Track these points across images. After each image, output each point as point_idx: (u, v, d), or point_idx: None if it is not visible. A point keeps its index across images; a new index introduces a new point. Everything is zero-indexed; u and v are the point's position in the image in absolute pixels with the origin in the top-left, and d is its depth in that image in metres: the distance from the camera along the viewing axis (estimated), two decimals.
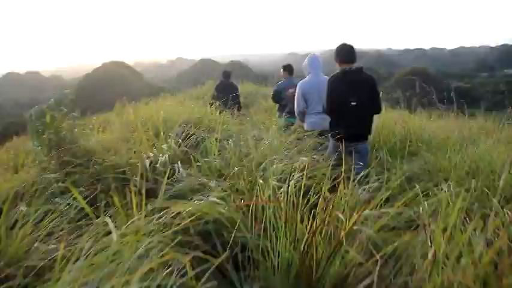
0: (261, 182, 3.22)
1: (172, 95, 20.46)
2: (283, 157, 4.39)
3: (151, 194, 3.69)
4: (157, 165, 4.24)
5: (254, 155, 4.39)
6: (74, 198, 3.46)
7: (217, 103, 8.04)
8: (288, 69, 8.75)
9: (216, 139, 4.69)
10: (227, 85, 11.11)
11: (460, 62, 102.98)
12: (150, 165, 4.26)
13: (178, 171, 4.14)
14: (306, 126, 6.33)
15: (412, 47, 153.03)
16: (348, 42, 5.35)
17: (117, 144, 4.78)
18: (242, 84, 18.50)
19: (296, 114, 6.55)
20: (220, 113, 7.36)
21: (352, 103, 4.97)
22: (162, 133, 5.21)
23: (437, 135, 6.60)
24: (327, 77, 5.54)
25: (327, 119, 5.51)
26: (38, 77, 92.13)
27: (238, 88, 11.51)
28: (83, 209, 2.71)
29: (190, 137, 5.36)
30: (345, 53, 5.17)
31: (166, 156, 4.42)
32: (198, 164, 4.30)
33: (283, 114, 7.91)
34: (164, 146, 4.69)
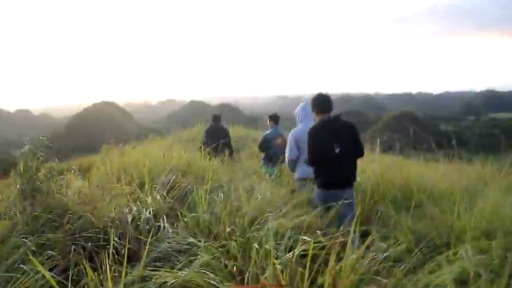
0: (256, 246, 2.85)
1: (161, 137, 20.18)
2: (277, 212, 4.02)
3: (133, 257, 3.30)
4: (141, 221, 3.83)
5: (246, 210, 4.02)
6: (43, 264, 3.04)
7: (207, 148, 7.77)
8: (274, 118, 8.62)
9: (206, 191, 4.30)
10: (217, 129, 10.67)
11: (446, 105, 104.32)
12: (132, 220, 3.86)
13: (164, 228, 3.76)
14: (296, 174, 6.24)
15: (399, 91, 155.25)
16: (324, 92, 5.35)
17: (98, 196, 4.36)
18: (233, 127, 18.17)
19: (286, 162, 6.40)
20: (210, 159, 7.00)
21: (336, 150, 4.92)
22: (147, 183, 4.82)
23: (439, 184, 6.24)
24: None
25: None
26: (27, 115, 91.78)
27: (229, 132, 11.11)
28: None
29: (177, 187, 4.98)
30: (322, 102, 5.21)
31: (151, 211, 4.03)
32: (185, 219, 3.92)
33: (273, 163, 7.82)
34: (149, 199, 4.29)
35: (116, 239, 3.29)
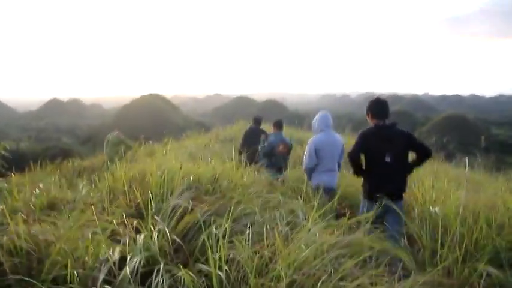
0: None
1: (205, 131, 19.13)
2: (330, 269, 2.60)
3: None
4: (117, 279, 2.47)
5: (282, 265, 2.61)
6: None
7: (243, 155, 6.90)
8: (278, 125, 8.42)
9: (226, 231, 2.89)
10: (257, 133, 9.44)
11: (499, 109, 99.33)
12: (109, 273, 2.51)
13: None
14: (314, 182, 6.17)
15: (449, 93, 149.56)
16: (382, 97, 5.07)
17: (71, 233, 3.00)
18: None
19: (304, 170, 6.45)
20: (243, 170, 5.63)
21: (387, 160, 4.67)
22: (149, 210, 3.47)
23: None
24: (339, 136, 6.32)
25: (335, 175, 6.24)
26: (79, 104, 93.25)
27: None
28: None
29: (191, 213, 3.60)
30: (378, 108, 4.93)
31: (140, 260, 2.66)
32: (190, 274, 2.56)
33: (277, 169, 7.85)
34: (139, 240, 2.90)
35: None
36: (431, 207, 4.26)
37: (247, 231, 3.16)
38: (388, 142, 4.72)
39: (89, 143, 47.82)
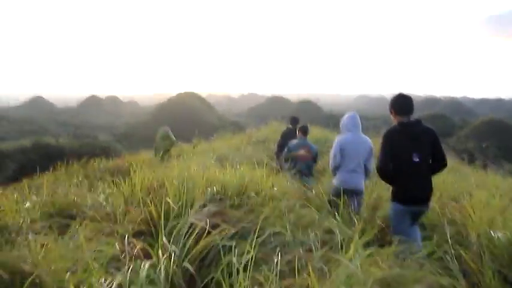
0: None
1: (238, 130, 18.69)
2: None
3: None
4: None
5: None
6: None
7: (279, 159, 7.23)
8: (303, 130, 8.22)
9: (249, 261, 2.35)
10: (294, 134, 8.91)
11: None
12: None
13: None
14: (335, 182, 6.00)
15: (489, 96, 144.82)
16: (406, 93, 4.73)
17: (62, 262, 2.51)
18: (310, 126, 16.13)
19: (331, 169, 6.26)
20: (269, 176, 5.08)
21: (415, 160, 4.38)
22: (161, 230, 2.94)
23: None
24: (367, 138, 6.09)
25: (359, 177, 5.90)
26: (116, 101, 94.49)
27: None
28: None
29: (208, 235, 3.06)
30: (402, 103, 4.63)
31: None
32: None
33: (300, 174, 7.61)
34: (143, 271, 2.37)
35: None
36: (491, 231, 3.58)
37: (276, 259, 2.61)
38: (415, 140, 4.45)
39: (125, 141, 48.18)
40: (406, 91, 5.16)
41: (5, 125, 60.40)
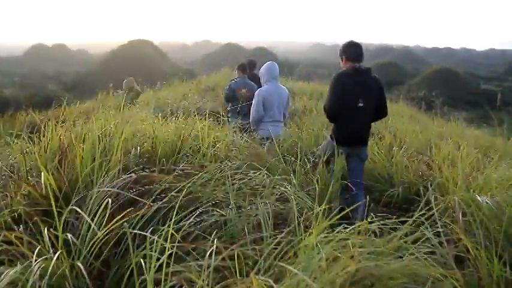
0: None
1: (190, 79, 17.62)
2: None
3: None
4: None
5: None
6: None
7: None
8: (241, 68, 8.05)
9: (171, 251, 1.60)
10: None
11: (490, 64, 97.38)
12: None
13: None
14: (260, 133, 6.11)
15: (441, 46, 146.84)
16: (359, 41, 4.72)
17: None
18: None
19: (251, 121, 6.29)
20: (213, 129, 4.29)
21: (360, 104, 4.49)
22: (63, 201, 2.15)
23: None
24: (285, 87, 6.33)
25: (280, 126, 6.24)
26: (64, 50, 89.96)
27: None
28: None
29: (122, 214, 2.28)
30: (353, 49, 4.66)
31: None
32: None
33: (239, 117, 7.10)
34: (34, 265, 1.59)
35: None
36: (476, 195, 2.97)
37: (210, 248, 1.87)
38: (363, 87, 4.55)
39: (75, 90, 45.99)
40: (360, 39, 5.25)
41: None
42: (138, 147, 3.15)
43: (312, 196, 3.18)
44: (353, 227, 2.25)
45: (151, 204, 2.43)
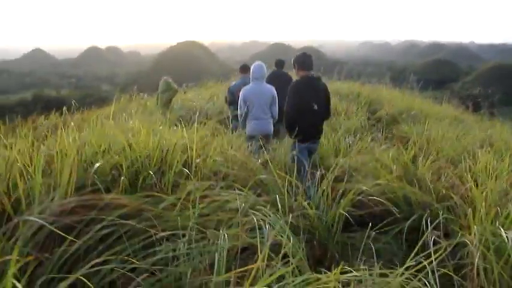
0: None
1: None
2: None
3: None
4: None
5: None
6: None
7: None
8: (242, 69, 7.93)
9: None
10: (279, 77, 7.91)
11: None
12: None
13: None
14: (247, 130, 6.34)
15: (497, 41, 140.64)
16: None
17: None
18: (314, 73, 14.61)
19: (240, 119, 6.54)
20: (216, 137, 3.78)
21: (314, 107, 5.08)
22: None
23: None
24: (270, 86, 6.50)
25: (265, 122, 6.41)
26: (117, 52, 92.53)
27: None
28: None
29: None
30: (305, 61, 5.21)
31: None
32: None
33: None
34: None
35: None
36: (500, 228, 2.33)
37: None
38: (315, 92, 5.14)
39: (126, 90, 46.84)
40: (410, 37, 4.36)
41: (6, 78, 59.54)
42: (97, 164, 2.70)
43: (295, 225, 2.63)
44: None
45: (76, 240, 1.97)
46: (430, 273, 1.84)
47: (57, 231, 1.95)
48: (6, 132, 7.17)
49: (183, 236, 2.26)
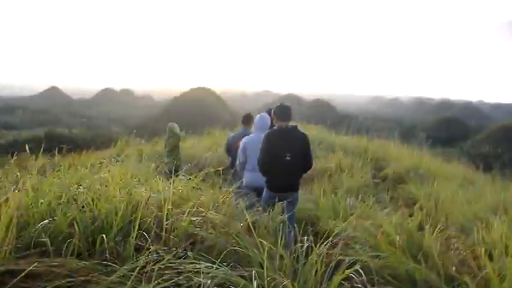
0: None
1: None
2: None
3: None
4: None
5: None
6: None
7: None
8: (244, 120, 7.68)
9: None
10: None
11: None
12: None
13: None
14: (244, 181, 6.21)
15: (506, 101, 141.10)
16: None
17: None
18: (305, 126, 14.22)
19: (237, 168, 6.48)
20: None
21: (287, 158, 5.08)
22: None
23: None
24: None
25: (260, 175, 5.87)
26: (130, 95, 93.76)
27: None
28: None
29: None
30: (283, 112, 5.31)
31: None
32: None
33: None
34: None
35: None
36: None
37: None
38: (289, 143, 5.17)
39: (137, 133, 46.88)
40: (421, 94, 4.12)
41: (20, 114, 60.20)
42: (45, 221, 2.29)
43: None
44: None
45: None
46: None
47: None
48: None
49: None
